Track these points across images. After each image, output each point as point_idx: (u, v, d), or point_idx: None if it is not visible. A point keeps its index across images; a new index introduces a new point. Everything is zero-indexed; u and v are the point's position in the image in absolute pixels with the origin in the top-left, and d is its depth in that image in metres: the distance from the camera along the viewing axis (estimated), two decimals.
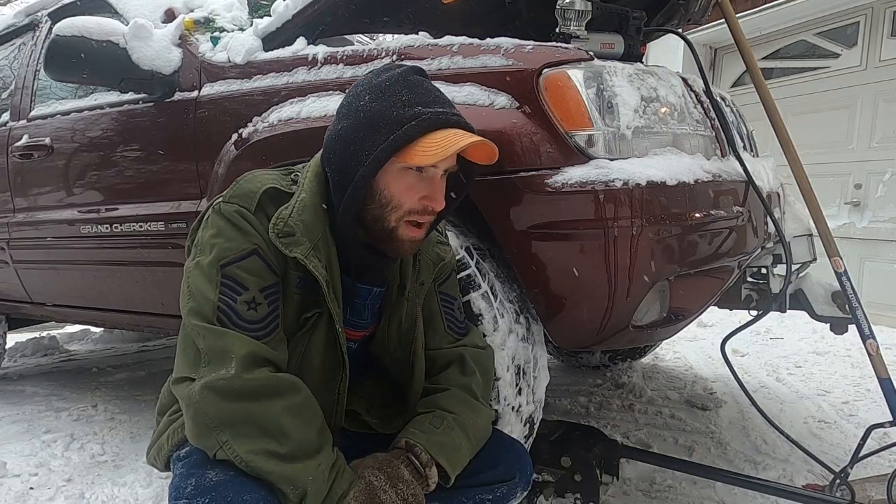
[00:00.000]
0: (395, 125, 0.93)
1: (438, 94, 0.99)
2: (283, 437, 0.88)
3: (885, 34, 4.19)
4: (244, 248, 0.94)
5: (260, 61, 1.80)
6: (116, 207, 2.14)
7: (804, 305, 1.92)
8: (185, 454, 0.95)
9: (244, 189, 0.97)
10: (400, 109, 0.94)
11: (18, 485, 1.96)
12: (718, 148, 1.55)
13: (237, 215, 0.95)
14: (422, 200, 0.97)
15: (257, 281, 0.93)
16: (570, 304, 1.36)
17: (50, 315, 2.75)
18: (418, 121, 0.93)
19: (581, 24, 1.47)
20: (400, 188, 0.96)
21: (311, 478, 0.88)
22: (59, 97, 2.45)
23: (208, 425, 0.88)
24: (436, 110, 0.95)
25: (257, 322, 0.93)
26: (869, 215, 4.29)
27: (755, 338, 3.68)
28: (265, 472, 0.87)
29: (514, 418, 1.40)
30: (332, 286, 0.98)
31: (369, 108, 0.96)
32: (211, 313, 0.91)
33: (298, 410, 0.91)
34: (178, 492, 0.88)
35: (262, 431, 0.88)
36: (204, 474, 0.88)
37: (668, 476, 1.87)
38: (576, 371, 3.06)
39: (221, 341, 0.90)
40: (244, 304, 0.92)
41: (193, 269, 0.96)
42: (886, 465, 1.91)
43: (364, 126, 0.95)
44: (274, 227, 0.94)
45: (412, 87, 0.97)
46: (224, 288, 0.92)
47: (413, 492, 0.94)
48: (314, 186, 1.00)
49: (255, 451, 0.87)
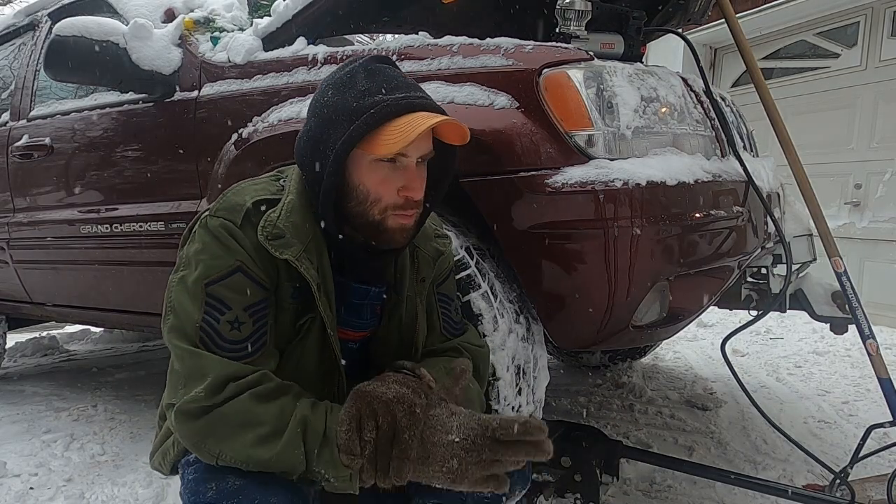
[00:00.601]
0: (354, 116, 0.90)
1: (401, 80, 0.96)
2: (259, 422, 0.86)
3: (885, 34, 4.19)
4: (229, 265, 0.91)
5: (260, 61, 1.80)
6: (116, 207, 2.14)
7: (804, 305, 1.92)
8: (198, 458, 0.94)
9: (231, 202, 0.95)
10: (360, 100, 0.91)
11: (18, 485, 1.96)
12: (718, 148, 1.55)
13: (222, 230, 0.92)
14: (400, 192, 0.94)
15: (241, 299, 0.91)
16: (570, 303, 1.36)
17: (50, 315, 2.75)
18: (377, 109, 0.90)
19: (581, 24, 1.47)
20: (374, 181, 0.94)
21: (305, 434, 0.85)
22: (59, 97, 2.45)
23: (196, 445, 0.87)
24: (395, 96, 0.91)
25: (239, 342, 0.90)
26: (869, 215, 4.29)
27: (755, 338, 3.68)
28: (266, 460, 0.85)
29: None
30: (323, 289, 0.96)
31: (332, 103, 0.94)
32: (193, 334, 0.89)
33: (263, 394, 0.88)
34: (197, 496, 0.87)
35: (240, 425, 0.86)
36: (224, 478, 0.87)
37: (668, 476, 1.87)
38: (576, 371, 3.06)
39: (199, 363, 0.88)
40: (227, 325, 0.90)
41: (177, 284, 0.93)
42: (886, 465, 1.91)
43: (326, 122, 0.93)
44: (262, 229, 0.92)
45: (372, 74, 0.94)
46: (208, 307, 0.90)
47: (406, 381, 0.91)
48: (300, 187, 0.98)
49: (246, 445, 0.85)
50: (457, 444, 0.83)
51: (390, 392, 0.86)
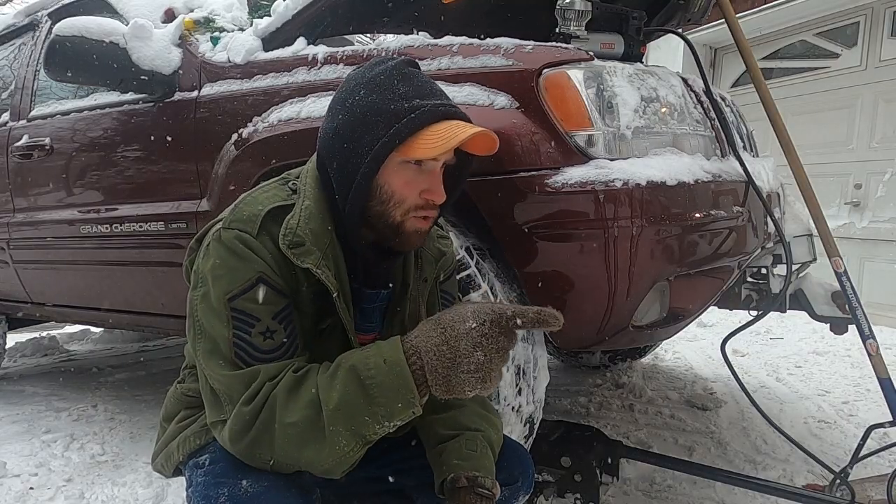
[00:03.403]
0: (394, 118, 0.91)
1: (434, 87, 0.97)
2: (290, 416, 0.85)
3: (885, 34, 4.19)
4: (249, 277, 0.90)
5: (260, 61, 1.80)
6: (116, 207, 2.14)
7: (804, 305, 1.92)
8: (208, 462, 0.94)
9: (245, 213, 0.94)
10: (397, 102, 0.92)
11: (18, 485, 1.96)
12: (718, 148, 1.55)
13: (237, 242, 0.91)
14: (423, 195, 0.95)
15: (268, 309, 0.91)
16: (570, 304, 1.36)
17: (50, 315, 2.75)
18: (418, 113, 0.91)
19: (581, 24, 1.47)
20: (399, 183, 0.94)
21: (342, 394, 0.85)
22: (59, 97, 2.45)
23: (251, 459, 0.88)
24: (434, 102, 0.93)
25: (276, 350, 0.91)
26: (869, 215, 4.29)
27: (755, 338, 3.68)
28: (317, 456, 0.85)
29: (514, 418, 1.40)
30: (342, 295, 0.97)
31: (366, 103, 0.93)
32: (228, 351, 0.89)
33: (290, 387, 0.87)
34: (208, 500, 0.88)
35: (281, 427, 0.86)
36: (237, 483, 0.88)
37: (668, 476, 1.87)
38: (576, 371, 3.06)
39: (233, 381, 0.89)
40: (259, 336, 0.89)
41: (200, 303, 0.93)
42: (886, 465, 1.91)
43: (361, 121, 0.93)
44: (284, 237, 0.92)
45: (408, 79, 0.95)
46: (237, 322, 0.89)
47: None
48: (316, 192, 0.98)
49: (293, 446, 0.85)
50: (475, 329, 0.83)
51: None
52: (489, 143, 0.96)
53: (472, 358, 0.82)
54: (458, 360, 0.83)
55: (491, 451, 1.06)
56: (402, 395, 0.84)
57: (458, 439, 1.05)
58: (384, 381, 0.84)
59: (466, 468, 1.00)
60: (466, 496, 0.97)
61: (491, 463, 1.04)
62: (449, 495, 0.99)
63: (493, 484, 1.00)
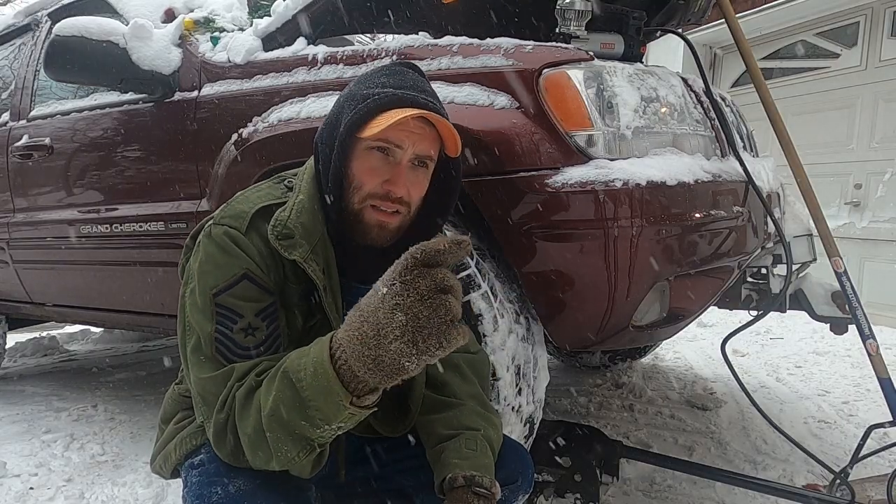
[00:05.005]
0: (360, 101, 0.93)
1: (419, 83, 0.97)
2: (244, 422, 0.84)
3: (885, 34, 4.19)
4: (234, 273, 0.91)
5: (260, 61, 1.80)
6: (116, 207, 2.14)
7: (804, 305, 1.92)
8: (202, 462, 0.94)
9: (235, 209, 0.96)
10: (370, 89, 0.94)
11: (18, 485, 1.96)
12: (718, 148, 1.55)
13: (225, 238, 0.92)
14: (384, 185, 0.95)
15: (251, 306, 0.91)
16: (570, 304, 1.36)
17: (50, 315, 2.75)
18: (380, 96, 0.92)
19: (581, 24, 1.47)
20: (363, 168, 0.95)
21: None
22: (59, 97, 2.45)
23: (238, 461, 0.89)
24: (403, 91, 0.93)
25: (256, 347, 0.91)
26: (869, 215, 4.29)
27: (755, 338, 3.68)
28: (273, 455, 0.83)
29: (514, 418, 1.40)
30: (330, 291, 0.97)
31: (346, 93, 0.98)
32: (209, 346, 0.90)
33: (246, 393, 0.85)
34: (202, 500, 0.88)
35: (242, 436, 0.85)
36: (230, 482, 0.88)
37: (668, 476, 1.87)
38: (576, 371, 3.06)
39: (209, 385, 0.89)
40: (241, 332, 0.90)
41: (188, 298, 0.94)
42: (886, 465, 1.91)
43: (339, 108, 0.98)
44: (273, 229, 0.93)
45: (394, 74, 0.97)
46: (219, 317, 0.90)
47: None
48: (310, 188, 0.99)
49: (249, 451, 0.85)
50: (387, 294, 0.72)
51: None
52: (454, 140, 0.96)
53: (393, 324, 0.71)
54: (383, 333, 0.72)
55: (490, 451, 1.06)
56: (330, 399, 0.77)
57: (458, 439, 1.05)
58: (312, 384, 0.78)
59: (465, 468, 1.00)
60: (465, 495, 0.97)
61: (490, 462, 1.04)
62: (448, 495, 0.99)
63: (491, 483, 1.00)
